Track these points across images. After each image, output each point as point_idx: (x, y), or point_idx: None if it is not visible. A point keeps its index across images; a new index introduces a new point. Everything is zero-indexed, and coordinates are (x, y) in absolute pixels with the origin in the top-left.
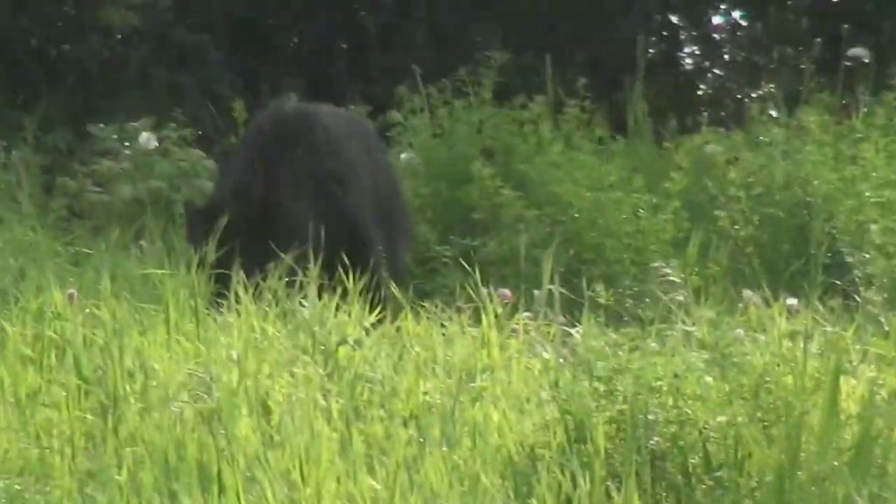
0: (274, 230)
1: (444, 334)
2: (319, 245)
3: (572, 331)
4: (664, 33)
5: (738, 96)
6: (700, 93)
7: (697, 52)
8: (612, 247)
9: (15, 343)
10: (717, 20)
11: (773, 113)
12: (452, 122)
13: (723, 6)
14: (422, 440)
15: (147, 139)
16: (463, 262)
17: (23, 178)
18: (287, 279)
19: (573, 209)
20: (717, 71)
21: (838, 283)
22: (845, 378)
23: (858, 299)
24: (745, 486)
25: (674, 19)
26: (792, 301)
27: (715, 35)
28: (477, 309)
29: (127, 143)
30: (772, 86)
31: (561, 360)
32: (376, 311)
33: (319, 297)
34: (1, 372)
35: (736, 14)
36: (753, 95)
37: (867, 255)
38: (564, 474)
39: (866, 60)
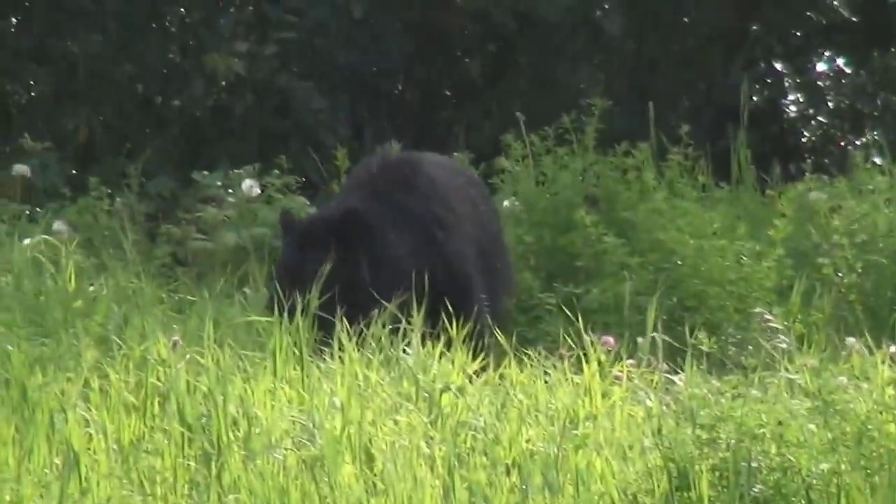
0: (377, 275)
1: (546, 381)
2: (422, 291)
3: (675, 378)
4: (768, 80)
5: (842, 143)
6: (804, 140)
7: (801, 100)
8: (716, 294)
9: (118, 390)
10: (820, 67)
11: (877, 160)
12: (556, 170)
13: (827, 53)
14: (524, 487)
15: (250, 186)
16: (566, 310)
17: (127, 226)
18: (391, 326)
19: (676, 256)
20: (820, 118)
21: None
22: None
23: None
24: None
25: (778, 66)
26: (895, 348)
27: (819, 82)
28: (580, 356)
29: (230, 190)
30: (876, 133)
31: (664, 408)
32: (479, 359)
33: (423, 344)
34: (104, 419)
35: (840, 61)
36: (857, 143)
37: None
38: None
39: None
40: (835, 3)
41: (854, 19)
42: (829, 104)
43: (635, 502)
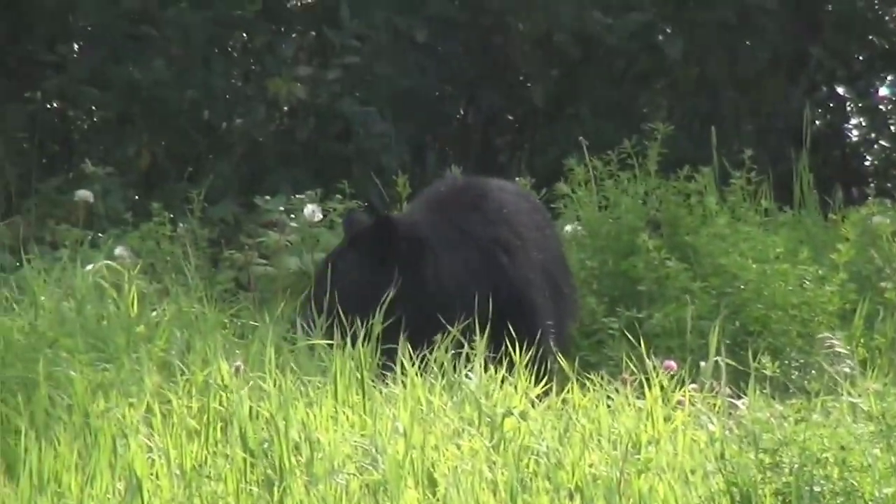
0: (440, 299)
1: (609, 406)
2: (486, 315)
3: (738, 402)
4: (830, 105)
5: None
6: (866, 164)
7: (864, 124)
8: (778, 318)
9: (180, 416)
10: (883, 91)
11: None
12: (618, 194)
13: (889, 77)
14: None
15: (312, 211)
16: (628, 334)
17: (189, 251)
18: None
19: (739, 281)
20: (883, 142)
21: None
22: None
23: None
24: None
25: (840, 91)
26: None
27: (881, 106)
28: (642, 380)
29: (293, 215)
30: None
31: (726, 432)
32: (542, 383)
33: (485, 368)
34: (166, 444)
35: None
36: None
37: None
38: None
39: None
40: None
41: None
42: (892, 128)
43: None
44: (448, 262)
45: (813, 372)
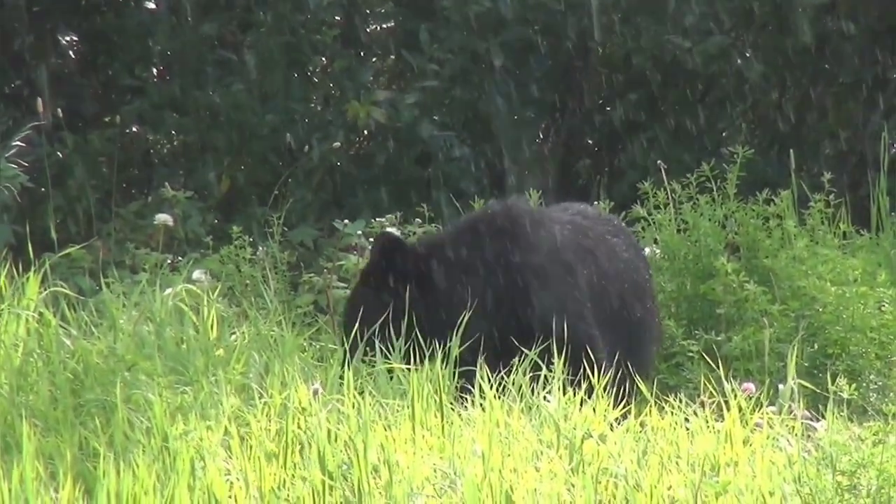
0: (518, 322)
1: (687, 428)
2: (563, 339)
3: (816, 425)
4: None
5: None
6: None
7: None
8: (857, 341)
9: (259, 438)
10: None
11: None
12: (696, 217)
13: None
14: None
15: None
16: (706, 357)
17: (269, 274)
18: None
19: (817, 304)
20: None
21: None
22: None
23: None
24: None
25: None
26: None
27: None
28: (721, 403)
29: (372, 239)
30: None
31: (804, 455)
32: (620, 406)
33: (563, 391)
34: (245, 467)
35: None
36: None
37: None
38: None
39: None
40: None
41: None
42: None
43: None
44: (463, 284)
45: (891, 394)
